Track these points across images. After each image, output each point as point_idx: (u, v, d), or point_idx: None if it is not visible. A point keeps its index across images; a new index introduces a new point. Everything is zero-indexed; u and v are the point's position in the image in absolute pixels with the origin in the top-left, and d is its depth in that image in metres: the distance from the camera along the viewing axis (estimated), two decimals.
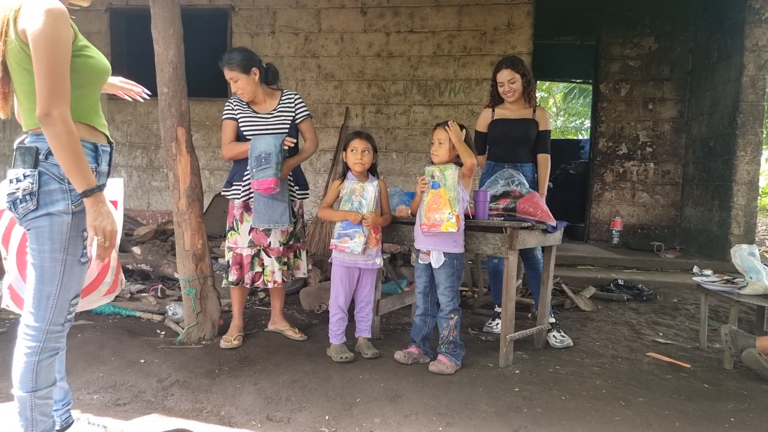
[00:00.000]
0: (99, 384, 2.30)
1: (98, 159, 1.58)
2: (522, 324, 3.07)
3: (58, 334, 1.54)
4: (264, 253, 2.85)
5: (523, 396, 2.26)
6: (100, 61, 1.57)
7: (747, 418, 2.10)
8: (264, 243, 2.84)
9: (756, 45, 4.75)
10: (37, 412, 1.53)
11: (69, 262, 1.51)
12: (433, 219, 2.44)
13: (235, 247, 2.85)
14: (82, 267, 1.56)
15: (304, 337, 2.97)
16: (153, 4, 2.75)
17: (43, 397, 1.54)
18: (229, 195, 2.90)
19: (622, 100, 6.12)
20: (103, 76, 1.60)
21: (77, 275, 1.54)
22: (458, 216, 2.42)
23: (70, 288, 1.53)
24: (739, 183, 4.84)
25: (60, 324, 1.53)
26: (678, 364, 2.71)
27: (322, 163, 5.63)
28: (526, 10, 5.20)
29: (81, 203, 1.49)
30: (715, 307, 3.75)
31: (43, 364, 1.52)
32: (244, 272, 2.85)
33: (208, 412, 2.08)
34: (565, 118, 16.48)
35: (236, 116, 2.83)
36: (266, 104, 2.87)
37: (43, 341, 1.51)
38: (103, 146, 1.61)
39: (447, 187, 2.48)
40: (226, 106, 2.88)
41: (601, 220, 6.19)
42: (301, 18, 5.55)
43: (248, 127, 2.82)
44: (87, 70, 1.52)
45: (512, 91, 3.08)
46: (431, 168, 2.56)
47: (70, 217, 1.49)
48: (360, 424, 2.00)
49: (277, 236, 2.84)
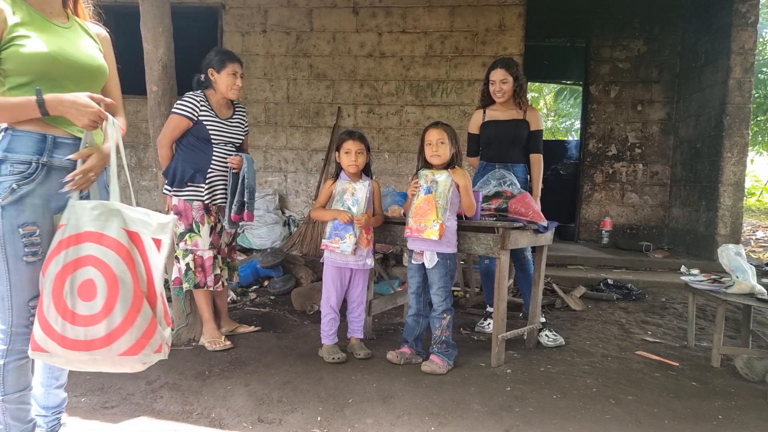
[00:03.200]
0: (86, 387, 2.27)
1: (42, 150, 1.44)
2: (513, 324, 3.08)
3: (23, 337, 1.45)
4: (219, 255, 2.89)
5: (515, 395, 2.27)
6: (34, 50, 1.40)
7: (734, 415, 2.13)
8: (216, 244, 2.86)
9: (742, 48, 4.81)
10: (8, 416, 1.48)
11: (11, 261, 1.41)
12: (418, 224, 2.50)
13: (195, 249, 2.77)
14: (30, 266, 1.44)
15: (258, 328, 3.09)
16: (142, 2, 2.72)
17: (15, 402, 1.48)
18: (184, 195, 2.75)
19: (612, 102, 6.17)
20: (47, 65, 1.43)
21: (27, 275, 1.43)
22: (442, 225, 2.45)
23: (23, 289, 1.44)
24: (726, 184, 4.91)
25: (24, 326, 1.45)
26: (667, 363, 2.74)
27: (314, 163, 5.62)
28: (517, 12, 5.23)
29: (9, 196, 1.39)
30: (703, 306, 3.79)
31: (10, 367, 1.46)
32: (207, 275, 2.80)
33: (198, 414, 2.06)
34: (555, 118, 16.59)
35: (198, 117, 2.73)
36: (225, 110, 2.86)
37: (8, 344, 1.45)
38: (59, 138, 1.48)
39: (437, 193, 2.49)
40: (188, 102, 2.71)
41: (591, 221, 6.24)
42: (293, 17, 5.53)
43: (216, 132, 2.78)
44: (19, 59, 1.39)
45: (502, 91, 3.09)
46: (425, 172, 2.57)
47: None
48: (352, 425, 1.99)
49: (223, 238, 2.92)
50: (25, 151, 1.43)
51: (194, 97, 2.74)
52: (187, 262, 2.78)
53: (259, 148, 5.62)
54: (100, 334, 1.36)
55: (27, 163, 1.43)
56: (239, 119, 2.90)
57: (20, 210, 1.42)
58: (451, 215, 2.54)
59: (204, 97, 2.76)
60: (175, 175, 2.74)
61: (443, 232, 2.46)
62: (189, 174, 2.74)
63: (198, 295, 2.86)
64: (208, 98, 2.78)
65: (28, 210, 1.43)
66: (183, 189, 2.76)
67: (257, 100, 5.61)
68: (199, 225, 2.77)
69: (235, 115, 2.89)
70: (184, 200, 2.76)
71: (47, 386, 1.67)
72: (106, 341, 1.37)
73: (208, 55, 2.80)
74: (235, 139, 2.87)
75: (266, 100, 5.60)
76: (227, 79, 2.75)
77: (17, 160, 1.42)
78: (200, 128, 2.74)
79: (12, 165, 1.41)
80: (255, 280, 4.22)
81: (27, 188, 1.42)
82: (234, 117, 2.88)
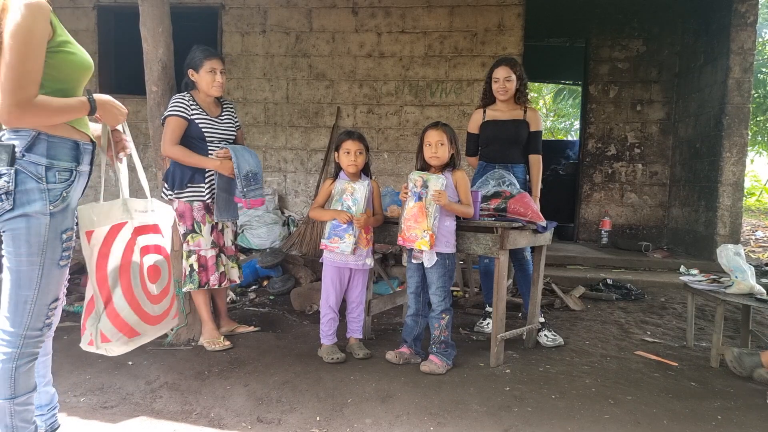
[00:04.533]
0: (86, 386, 2.27)
1: (79, 158, 1.53)
2: (512, 324, 3.08)
3: (36, 339, 1.49)
4: (222, 253, 2.89)
5: (514, 395, 2.27)
6: (81, 57, 1.52)
7: (733, 416, 2.13)
8: (220, 243, 2.87)
9: (741, 48, 4.81)
10: (17, 419, 1.49)
11: (47, 266, 1.46)
12: (410, 233, 2.50)
13: (198, 249, 2.78)
14: (61, 270, 1.51)
15: (257, 328, 3.09)
16: (142, 2, 2.72)
17: (23, 404, 1.50)
18: (185, 197, 2.76)
19: (611, 102, 6.17)
20: (84, 73, 1.55)
21: (56, 279, 1.49)
22: (432, 235, 2.45)
23: (48, 292, 1.48)
24: (725, 184, 4.91)
25: (38, 329, 1.48)
26: (666, 363, 2.74)
27: (314, 163, 5.62)
28: (516, 12, 5.23)
29: (59, 204, 1.46)
30: (702, 306, 3.79)
31: (21, 370, 1.47)
32: (209, 274, 2.81)
33: (197, 414, 2.06)
34: (555, 119, 16.59)
35: (190, 116, 2.74)
36: (214, 108, 2.87)
37: (20, 347, 1.46)
38: (85, 144, 1.56)
39: (427, 200, 2.48)
40: (179, 103, 2.72)
41: (590, 221, 6.24)
42: (292, 17, 5.53)
43: (209, 129, 2.79)
44: (67, 67, 1.47)
45: (505, 89, 3.09)
46: (415, 176, 2.54)
47: (47, 218, 1.44)
48: (351, 425, 1.99)
49: (229, 236, 2.93)
50: (66, 158, 1.49)
51: (182, 98, 2.75)
52: (190, 263, 2.78)
53: (258, 148, 5.61)
54: (168, 305, 1.77)
55: (69, 170, 1.50)
56: (228, 116, 2.92)
57: (65, 216, 1.48)
58: (449, 215, 2.54)
59: (191, 98, 2.77)
60: (174, 178, 2.76)
61: (434, 243, 2.46)
62: (188, 175, 2.75)
63: (197, 295, 2.86)
64: (195, 98, 2.79)
65: (70, 216, 1.51)
66: (184, 191, 2.77)
67: (257, 100, 5.61)
68: (200, 225, 2.78)
69: (224, 112, 2.91)
70: (184, 202, 2.76)
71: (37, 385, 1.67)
72: (168, 311, 1.77)
73: (188, 55, 2.81)
74: (228, 135, 2.88)
75: (266, 100, 5.60)
76: (207, 77, 2.75)
77: (62, 167, 1.48)
78: (194, 127, 2.75)
79: (59, 172, 1.47)
80: (254, 280, 4.22)
81: (71, 195, 1.52)
82: (223, 114, 2.90)
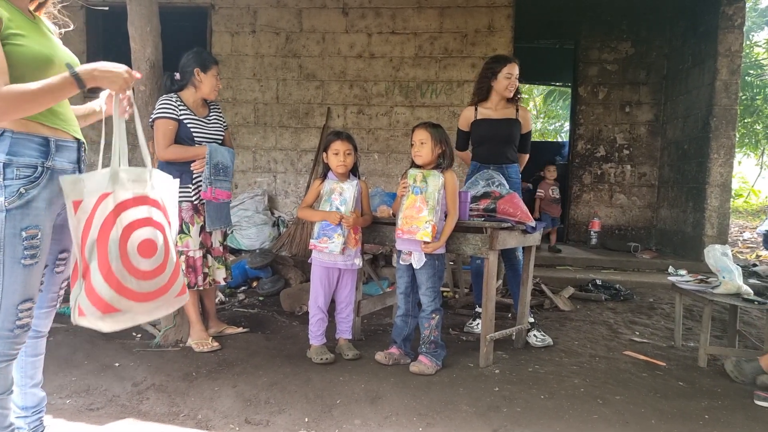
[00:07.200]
0: (71, 388, 2.24)
1: (47, 154, 1.45)
2: (502, 324, 3.09)
3: (11, 340, 1.44)
4: (208, 254, 2.88)
5: (503, 395, 2.27)
6: (33, 49, 1.41)
7: (720, 415, 2.15)
8: (207, 244, 2.86)
9: (729, 50, 4.87)
10: None
11: (8, 264, 1.40)
12: (410, 226, 2.49)
13: (186, 250, 2.77)
14: (27, 270, 1.43)
15: (246, 330, 3.09)
16: (130, 1, 2.70)
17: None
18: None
19: (600, 103, 6.22)
20: (40, 66, 1.42)
21: (21, 278, 1.42)
22: (434, 225, 2.45)
23: (14, 292, 1.42)
24: (713, 185, 4.96)
25: (9, 330, 1.43)
26: (654, 363, 2.76)
27: (304, 164, 5.60)
28: (506, 13, 5.25)
29: (15, 200, 1.39)
30: (690, 306, 3.83)
31: None
32: (197, 275, 2.79)
33: (184, 416, 2.04)
34: (545, 120, 16.70)
35: (179, 117, 2.72)
36: (202, 109, 2.87)
37: None
38: (60, 141, 1.49)
39: (427, 194, 2.48)
40: (167, 105, 2.70)
41: (580, 221, 6.28)
42: (283, 17, 5.51)
43: (198, 130, 2.78)
44: (16, 60, 1.37)
45: (514, 86, 3.11)
46: (414, 172, 2.56)
47: (3, 215, 1.38)
48: (340, 426, 1.98)
49: (217, 237, 2.92)
50: (30, 155, 1.43)
51: (169, 99, 2.73)
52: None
53: (248, 149, 5.59)
54: (164, 282, 1.57)
55: (33, 167, 1.44)
56: (216, 117, 2.92)
57: (25, 214, 1.42)
58: (441, 216, 2.54)
59: (178, 98, 2.75)
60: None
61: (435, 233, 2.46)
62: (176, 177, 2.72)
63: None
64: (182, 99, 2.76)
65: (33, 214, 1.44)
66: None
67: (247, 101, 5.58)
68: (188, 225, 2.76)
69: (211, 113, 2.90)
70: None
71: (22, 386, 1.64)
72: (165, 288, 1.58)
73: (186, 55, 2.79)
74: (216, 136, 2.87)
75: (256, 100, 5.58)
76: (212, 80, 2.79)
77: (22, 164, 1.42)
78: (183, 128, 2.74)
79: (18, 169, 1.41)
80: (244, 281, 4.19)
81: (33, 192, 1.43)
82: (211, 115, 2.89)
